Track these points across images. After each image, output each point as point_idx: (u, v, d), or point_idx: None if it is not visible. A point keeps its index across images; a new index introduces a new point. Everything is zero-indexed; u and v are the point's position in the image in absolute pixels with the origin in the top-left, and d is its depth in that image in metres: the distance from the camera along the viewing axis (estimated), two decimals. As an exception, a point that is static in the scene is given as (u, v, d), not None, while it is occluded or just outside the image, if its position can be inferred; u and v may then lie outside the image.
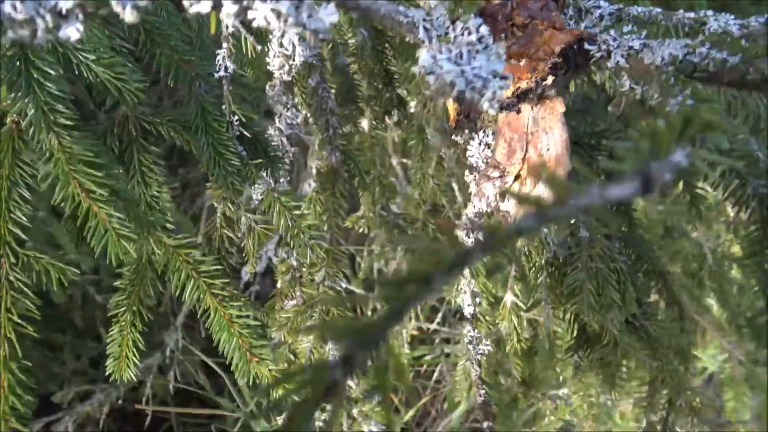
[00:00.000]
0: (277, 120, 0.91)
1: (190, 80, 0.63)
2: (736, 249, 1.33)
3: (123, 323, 0.67)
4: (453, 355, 2.28)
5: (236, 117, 0.65)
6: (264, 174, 0.67)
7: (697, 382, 0.86)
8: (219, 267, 0.66)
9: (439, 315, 1.92)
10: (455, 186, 1.13)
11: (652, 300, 0.82)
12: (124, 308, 0.67)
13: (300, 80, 0.92)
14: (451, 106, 0.55)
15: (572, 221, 0.69)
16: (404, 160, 1.65)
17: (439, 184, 0.99)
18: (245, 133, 0.65)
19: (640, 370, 0.82)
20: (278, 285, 1.19)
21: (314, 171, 1.09)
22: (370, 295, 1.82)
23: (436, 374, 2.33)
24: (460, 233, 0.67)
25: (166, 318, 2.02)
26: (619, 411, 1.28)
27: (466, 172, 0.68)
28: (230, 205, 0.68)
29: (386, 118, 1.15)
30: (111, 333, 0.67)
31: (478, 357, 0.65)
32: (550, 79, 0.50)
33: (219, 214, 0.69)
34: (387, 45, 1.07)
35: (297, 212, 0.65)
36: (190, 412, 2.20)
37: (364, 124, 1.14)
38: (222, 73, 0.64)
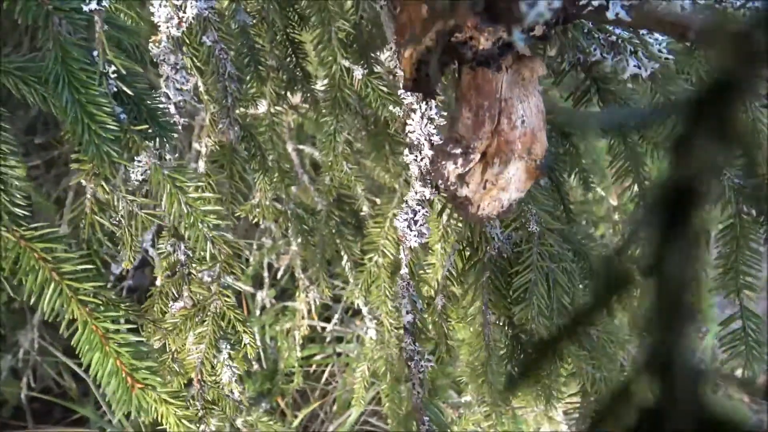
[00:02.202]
0: (163, 84, 0.75)
1: (45, 15, 0.47)
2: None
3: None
4: (345, 354, 2.17)
5: (113, 68, 0.49)
6: (150, 145, 0.51)
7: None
8: (89, 266, 0.50)
9: (340, 312, 1.81)
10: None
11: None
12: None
13: (192, 38, 0.76)
14: (409, 60, 0.43)
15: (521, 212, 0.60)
16: (300, 147, 1.51)
17: (352, 168, 0.87)
18: (125, 89, 0.50)
19: (570, 378, 0.75)
20: (158, 282, 1.02)
21: (204, 150, 0.93)
22: (260, 293, 1.67)
23: (326, 374, 2.22)
24: (399, 224, 0.55)
25: (20, 315, 1.76)
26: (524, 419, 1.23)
27: (405, 152, 0.57)
28: (104, 184, 0.52)
29: (288, 94, 1.01)
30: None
31: (420, 376, 0.54)
32: (538, 30, 0.40)
33: (89, 196, 0.52)
34: (292, 9, 0.93)
35: (195, 195, 0.50)
36: (50, 429, 1.94)
37: (262, 102, 1.00)
38: (94, 5, 0.48)
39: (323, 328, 1.77)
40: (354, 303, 2.00)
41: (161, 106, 0.54)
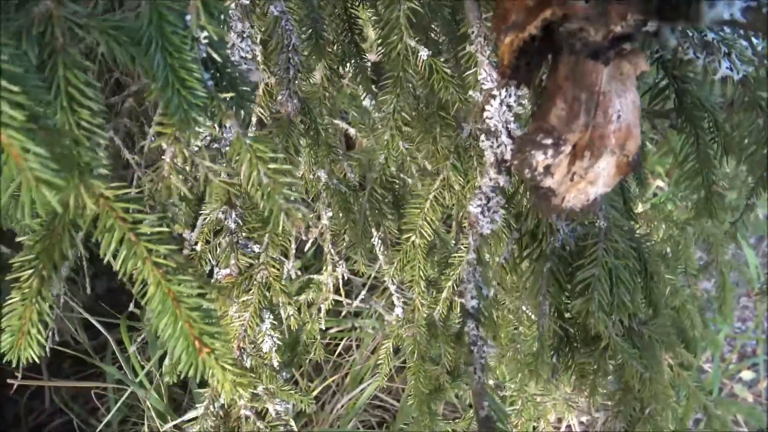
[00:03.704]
0: (228, 52, 0.75)
1: (141, -26, 0.47)
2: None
3: (26, 291, 0.50)
4: (360, 329, 2.19)
5: (205, 33, 0.49)
6: (232, 113, 0.51)
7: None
8: (164, 229, 0.50)
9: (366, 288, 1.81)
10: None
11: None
12: (30, 271, 0.50)
13: (260, 5, 0.76)
14: (509, 47, 0.43)
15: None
16: (336, 121, 1.51)
17: (408, 148, 0.86)
18: (215, 56, 0.49)
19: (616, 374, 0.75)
20: (197, 247, 1.03)
21: (255, 118, 0.93)
22: (286, 264, 1.67)
23: (340, 348, 2.23)
24: (473, 209, 0.55)
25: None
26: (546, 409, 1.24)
27: (482, 137, 0.57)
28: (185, 150, 0.52)
29: (341, 68, 1.00)
30: (10, 301, 0.50)
31: (482, 362, 0.55)
32: (651, 26, 0.39)
33: (168, 159, 0.52)
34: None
35: (274, 166, 0.50)
36: (65, 383, 1.97)
37: (317, 73, 0.99)
38: (193, -31, 0.47)
39: (345, 303, 1.78)
40: (375, 280, 2.01)
41: (242, 74, 0.54)
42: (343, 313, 2.17)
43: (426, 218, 1.06)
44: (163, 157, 0.52)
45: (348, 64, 1.00)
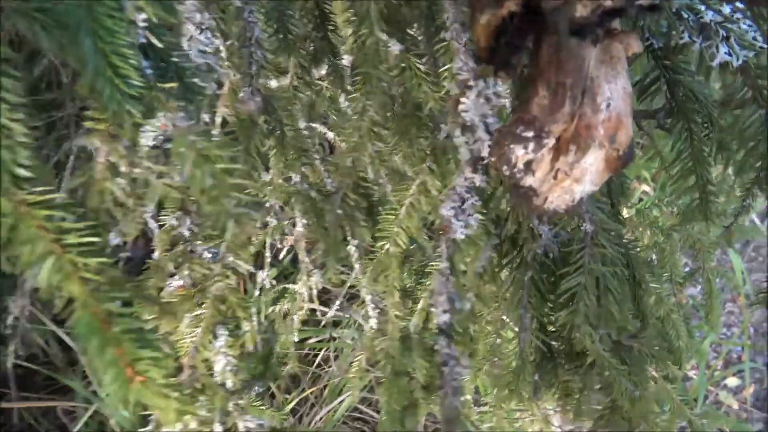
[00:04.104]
0: (185, 43, 0.69)
1: (70, -51, 0.41)
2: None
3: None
4: (339, 339, 2.12)
5: (143, 15, 0.43)
6: (175, 106, 0.45)
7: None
8: (95, 239, 0.44)
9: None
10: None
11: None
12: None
13: (219, -4, 0.70)
14: (485, 27, 0.38)
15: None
16: (313, 125, 1.45)
17: (378, 150, 0.81)
18: (155, 41, 0.43)
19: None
20: (155, 256, 0.96)
21: (218, 120, 0.87)
22: (260, 273, 1.61)
23: (319, 358, 2.17)
24: (446, 212, 0.50)
25: (11, 279, 1.70)
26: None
27: (456, 133, 0.51)
28: (120, 147, 0.46)
29: (313, 68, 0.95)
30: None
31: (454, 384, 0.49)
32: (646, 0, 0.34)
33: (101, 160, 0.46)
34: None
35: (222, 165, 0.44)
36: (33, 399, 1.89)
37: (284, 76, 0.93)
38: (125, -59, 0.41)
39: (323, 313, 1.71)
40: (353, 289, 1.95)
41: (191, 65, 0.48)
42: (322, 323, 2.10)
43: (401, 225, 1.00)
44: (95, 156, 0.46)
45: (321, 62, 0.95)
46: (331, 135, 1.50)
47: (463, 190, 0.50)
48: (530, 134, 0.42)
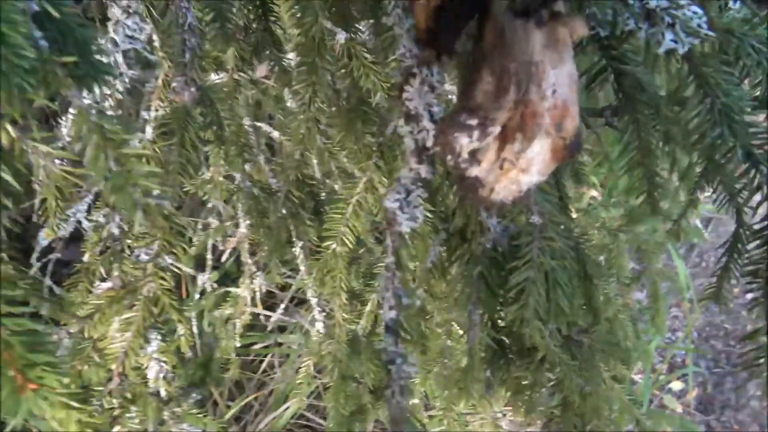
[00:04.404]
0: (111, 28, 0.64)
1: None
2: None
3: None
4: (286, 345, 2.07)
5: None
6: (77, 84, 0.41)
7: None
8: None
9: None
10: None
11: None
12: None
13: (150, -22, 0.66)
14: (425, 7, 0.35)
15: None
16: (258, 124, 1.41)
17: (326, 143, 0.78)
18: (50, 10, 0.39)
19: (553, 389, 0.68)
20: (85, 258, 0.91)
21: (153, 114, 0.82)
22: (200, 276, 1.55)
23: (264, 365, 2.11)
24: (390, 204, 0.47)
25: None
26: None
27: (400, 122, 0.49)
28: (10, 128, 0.41)
29: (253, 59, 0.91)
30: None
31: (401, 383, 0.46)
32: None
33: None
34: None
35: (128, 151, 0.40)
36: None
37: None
38: None
39: (267, 317, 1.66)
40: (300, 292, 1.90)
41: (97, 40, 0.44)
42: (268, 328, 2.05)
43: (348, 224, 0.97)
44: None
45: (263, 55, 0.91)
46: (276, 135, 1.46)
47: (408, 181, 0.48)
48: (474, 122, 0.40)
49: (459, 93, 0.44)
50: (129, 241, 0.74)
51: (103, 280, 0.81)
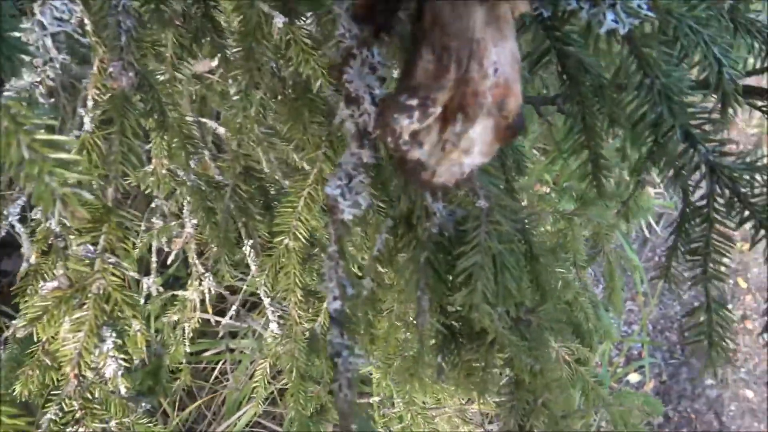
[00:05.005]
0: (37, 9, 0.61)
1: None
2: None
3: None
4: (238, 350, 2.02)
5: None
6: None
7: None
8: None
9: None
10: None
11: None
12: None
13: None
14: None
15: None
16: (203, 119, 1.37)
17: (265, 132, 0.76)
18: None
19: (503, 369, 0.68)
20: (32, 260, 0.87)
21: (90, 104, 0.78)
22: (145, 280, 1.50)
23: (216, 372, 2.06)
24: (331, 191, 0.46)
25: None
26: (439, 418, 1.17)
27: (341, 105, 0.47)
28: None
29: (194, 46, 0.88)
30: None
31: (348, 375, 0.45)
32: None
33: None
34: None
35: (43, 136, 0.38)
36: None
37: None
38: None
39: (217, 322, 1.62)
40: (251, 295, 1.86)
41: (15, 18, 0.41)
42: (221, 334, 2.00)
43: (300, 218, 0.95)
44: None
45: (203, 41, 0.88)
46: (222, 131, 1.43)
47: (350, 167, 0.46)
48: (415, 102, 0.39)
49: (399, 73, 0.43)
50: (72, 237, 0.70)
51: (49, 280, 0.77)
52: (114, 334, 0.77)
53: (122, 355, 0.77)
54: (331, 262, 0.49)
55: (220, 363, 2.05)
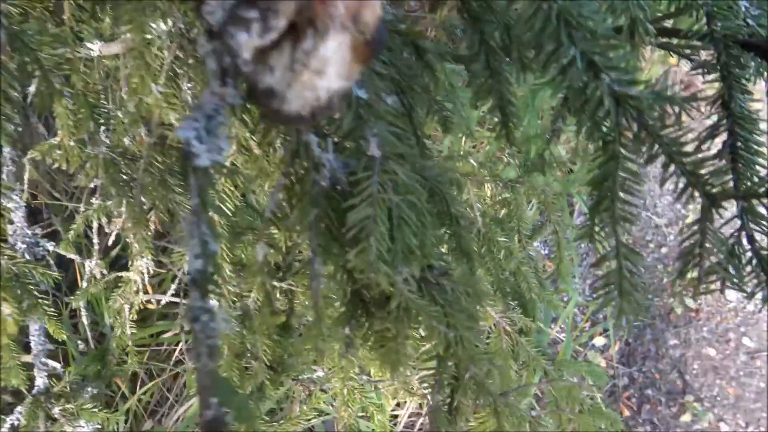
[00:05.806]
0: None
1: None
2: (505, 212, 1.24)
3: None
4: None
5: None
6: None
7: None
8: None
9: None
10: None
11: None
12: None
13: None
14: None
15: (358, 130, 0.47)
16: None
17: (164, 92, 0.69)
18: None
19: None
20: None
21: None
22: (87, 262, 1.44)
23: (176, 354, 2.02)
24: (185, 133, 0.40)
25: None
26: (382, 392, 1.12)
27: (202, 40, 0.42)
28: None
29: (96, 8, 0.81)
30: None
31: (209, 342, 0.40)
32: None
33: None
34: None
35: None
36: None
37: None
38: None
39: (156, 301, 1.57)
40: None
41: None
42: (180, 316, 1.95)
43: (224, 188, 0.90)
44: None
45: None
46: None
47: (210, 107, 0.41)
48: (254, 15, 0.33)
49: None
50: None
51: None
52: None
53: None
54: (193, 217, 0.43)
55: (179, 344, 2.01)
